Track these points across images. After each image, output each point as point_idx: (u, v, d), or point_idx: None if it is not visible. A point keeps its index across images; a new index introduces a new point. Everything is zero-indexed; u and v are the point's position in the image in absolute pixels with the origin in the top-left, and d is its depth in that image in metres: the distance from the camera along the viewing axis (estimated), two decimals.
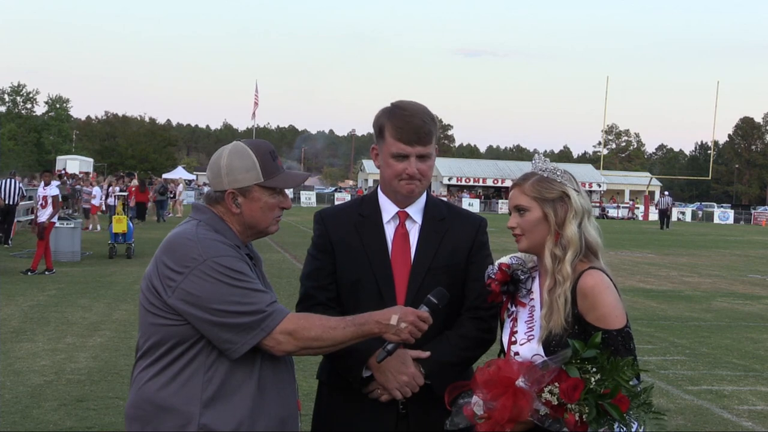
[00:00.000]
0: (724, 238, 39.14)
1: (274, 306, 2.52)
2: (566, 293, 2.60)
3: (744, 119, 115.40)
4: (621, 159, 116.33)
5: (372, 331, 2.57)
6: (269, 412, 2.59)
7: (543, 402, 2.45)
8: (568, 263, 2.62)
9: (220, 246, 2.56)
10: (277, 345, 2.51)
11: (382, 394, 2.84)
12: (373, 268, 2.91)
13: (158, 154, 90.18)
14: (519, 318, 2.74)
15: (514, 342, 2.71)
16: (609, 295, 2.61)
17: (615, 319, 2.59)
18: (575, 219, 2.67)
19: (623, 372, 2.46)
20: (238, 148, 2.66)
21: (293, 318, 2.54)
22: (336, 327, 2.54)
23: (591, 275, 2.62)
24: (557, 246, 2.65)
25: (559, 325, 2.58)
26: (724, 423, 7.01)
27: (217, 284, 2.48)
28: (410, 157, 2.86)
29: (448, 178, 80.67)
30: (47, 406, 6.74)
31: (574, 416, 2.43)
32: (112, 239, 18.94)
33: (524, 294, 2.76)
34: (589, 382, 2.44)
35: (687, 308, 13.86)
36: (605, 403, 2.43)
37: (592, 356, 2.48)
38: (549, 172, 2.73)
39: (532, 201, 2.70)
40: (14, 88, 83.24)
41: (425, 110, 2.92)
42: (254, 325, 2.48)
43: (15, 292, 12.95)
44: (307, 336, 2.52)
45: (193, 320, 2.50)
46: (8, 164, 53.37)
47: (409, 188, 2.91)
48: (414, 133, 2.85)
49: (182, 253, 2.53)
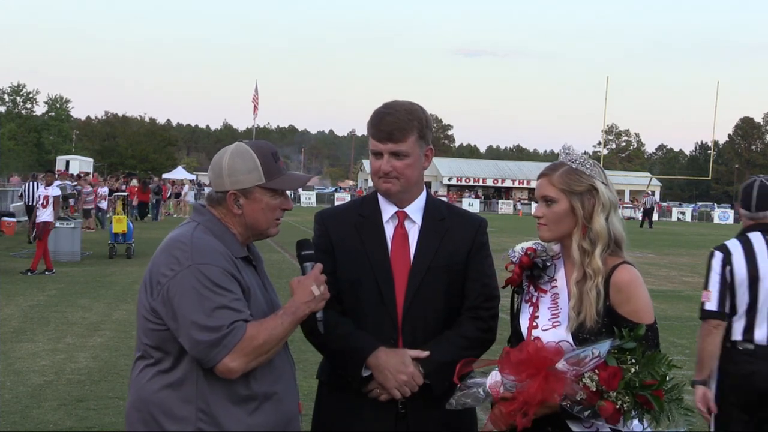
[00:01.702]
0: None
1: (235, 325, 2.46)
2: (599, 286, 2.63)
3: (744, 119, 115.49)
4: (621, 159, 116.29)
5: (305, 312, 2.59)
6: (270, 414, 2.59)
7: (582, 387, 2.46)
8: (598, 257, 2.65)
9: (209, 252, 2.53)
10: (230, 373, 2.47)
11: (381, 394, 2.84)
12: (373, 268, 2.91)
13: (158, 154, 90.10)
14: (541, 304, 2.74)
15: (535, 327, 2.72)
16: (643, 290, 2.67)
17: (647, 314, 2.63)
18: (603, 212, 2.68)
19: (659, 366, 2.48)
20: (240, 149, 2.66)
21: (245, 336, 2.47)
22: (275, 325, 2.53)
23: (627, 270, 2.65)
24: (585, 239, 2.67)
25: (592, 318, 2.60)
26: None
27: (191, 292, 2.46)
28: (383, 155, 2.87)
29: (448, 178, 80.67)
30: (47, 406, 6.75)
31: (613, 405, 2.44)
32: (112, 239, 18.94)
33: (546, 281, 2.77)
34: (627, 372, 2.46)
35: (687, 308, 13.85)
36: (647, 394, 2.44)
37: (632, 347, 2.50)
38: (578, 164, 2.72)
39: (560, 193, 2.70)
40: (14, 88, 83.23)
41: (409, 109, 2.89)
42: (215, 342, 2.44)
43: (15, 292, 12.95)
44: (254, 345, 2.48)
45: (168, 324, 2.50)
46: (8, 164, 53.43)
47: (385, 186, 2.90)
48: (385, 130, 2.85)
49: (173, 256, 2.53)
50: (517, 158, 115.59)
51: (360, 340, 2.85)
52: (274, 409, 2.61)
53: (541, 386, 2.48)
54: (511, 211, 64.01)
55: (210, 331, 2.44)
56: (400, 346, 2.86)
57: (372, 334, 2.86)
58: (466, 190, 77.61)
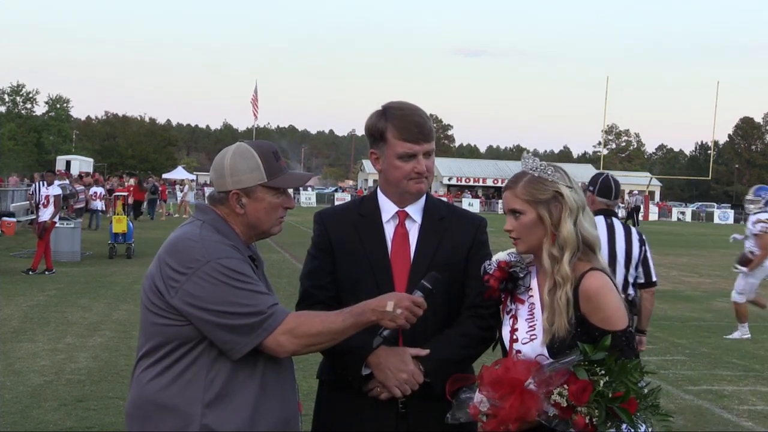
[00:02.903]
0: (724, 238, 39.10)
1: (275, 308, 2.53)
2: (567, 294, 2.58)
3: (744, 119, 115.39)
4: (621, 159, 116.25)
5: (369, 319, 2.58)
6: (271, 413, 2.59)
7: (552, 404, 2.44)
8: (566, 263, 2.60)
9: (223, 247, 2.56)
10: (279, 347, 2.51)
11: (381, 392, 2.84)
12: (373, 268, 2.91)
13: (158, 154, 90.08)
14: (519, 316, 2.73)
15: (515, 340, 2.70)
16: (613, 296, 2.61)
17: (619, 320, 2.59)
18: (570, 217, 2.63)
19: (631, 374, 2.45)
20: (242, 149, 2.67)
21: (293, 317, 2.55)
22: (335, 320, 2.56)
23: (594, 277, 2.60)
24: (554, 246, 2.63)
25: (563, 327, 2.56)
26: (724, 423, 7.02)
27: (220, 286, 2.48)
28: (418, 156, 2.88)
29: (448, 178, 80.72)
30: (47, 406, 6.75)
31: (583, 419, 2.42)
32: (112, 239, 18.95)
33: (522, 291, 2.75)
34: (598, 384, 2.44)
35: (687, 308, 13.87)
36: (615, 407, 2.42)
37: (601, 358, 2.47)
38: (540, 171, 2.68)
39: (525, 204, 2.66)
40: (14, 88, 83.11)
41: (420, 108, 2.95)
42: (256, 325, 2.48)
43: (15, 292, 12.95)
44: (308, 332, 2.52)
45: (196, 321, 2.50)
46: (8, 164, 53.41)
47: (419, 186, 2.93)
48: (419, 130, 2.86)
49: (186, 255, 2.53)
50: (517, 158, 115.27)
51: (360, 339, 2.85)
52: (275, 408, 2.61)
53: (515, 405, 2.47)
54: None
55: (249, 316, 2.47)
56: (400, 344, 2.86)
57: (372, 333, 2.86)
58: (466, 190, 77.61)
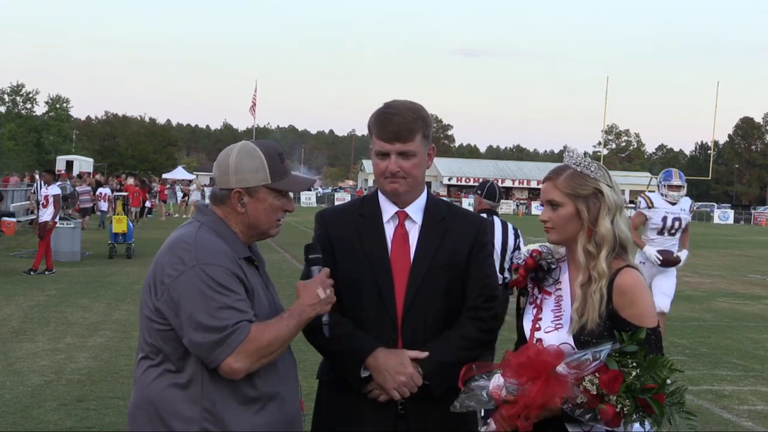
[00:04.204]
0: (724, 238, 39.13)
1: (239, 325, 2.47)
2: (602, 290, 2.61)
3: (744, 119, 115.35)
4: (621, 159, 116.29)
5: (310, 315, 2.60)
6: (274, 414, 2.59)
7: (582, 390, 2.45)
8: (603, 260, 2.63)
9: (216, 253, 2.54)
10: (234, 373, 2.47)
11: (380, 395, 2.84)
12: (373, 268, 2.90)
13: (158, 154, 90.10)
14: (544, 306, 2.74)
15: (537, 329, 2.71)
16: (647, 295, 2.66)
17: (650, 318, 2.62)
18: (608, 215, 2.67)
19: (660, 370, 2.47)
20: (248, 148, 2.66)
21: (252, 332, 2.48)
22: (280, 327, 2.54)
23: (630, 273, 2.64)
24: (591, 242, 2.66)
25: (594, 320, 2.59)
26: (724, 423, 7.01)
27: (196, 293, 2.46)
28: (391, 155, 2.86)
29: (448, 178, 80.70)
30: (47, 406, 6.74)
31: (613, 408, 2.43)
32: (112, 239, 18.94)
33: (550, 283, 2.76)
34: (628, 375, 2.45)
35: (687, 308, 13.86)
36: (648, 398, 2.43)
37: (633, 351, 2.49)
38: (583, 167, 2.70)
39: (565, 197, 2.69)
40: (14, 88, 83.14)
41: (412, 108, 2.89)
42: (219, 341, 2.44)
43: (15, 292, 12.95)
44: (260, 345, 2.48)
45: (173, 324, 2.50)
46: (8, 164, 53.40)
47: (392, 186, 2.90)
48: (393, 130, 2.84)
49: (177, 256, 2.53)
50: (517, 158, 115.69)
51: (359, 341, 2.85)
52: (278, 409, 2.61)
53: (542, 390, 2.47)
54: (511, 211, 63.99)
55: (214, 331, 2.44)
56: (399, 346, 2.86)
57: (371, 335, 2.86)
58: (466, 190, 77.58)
